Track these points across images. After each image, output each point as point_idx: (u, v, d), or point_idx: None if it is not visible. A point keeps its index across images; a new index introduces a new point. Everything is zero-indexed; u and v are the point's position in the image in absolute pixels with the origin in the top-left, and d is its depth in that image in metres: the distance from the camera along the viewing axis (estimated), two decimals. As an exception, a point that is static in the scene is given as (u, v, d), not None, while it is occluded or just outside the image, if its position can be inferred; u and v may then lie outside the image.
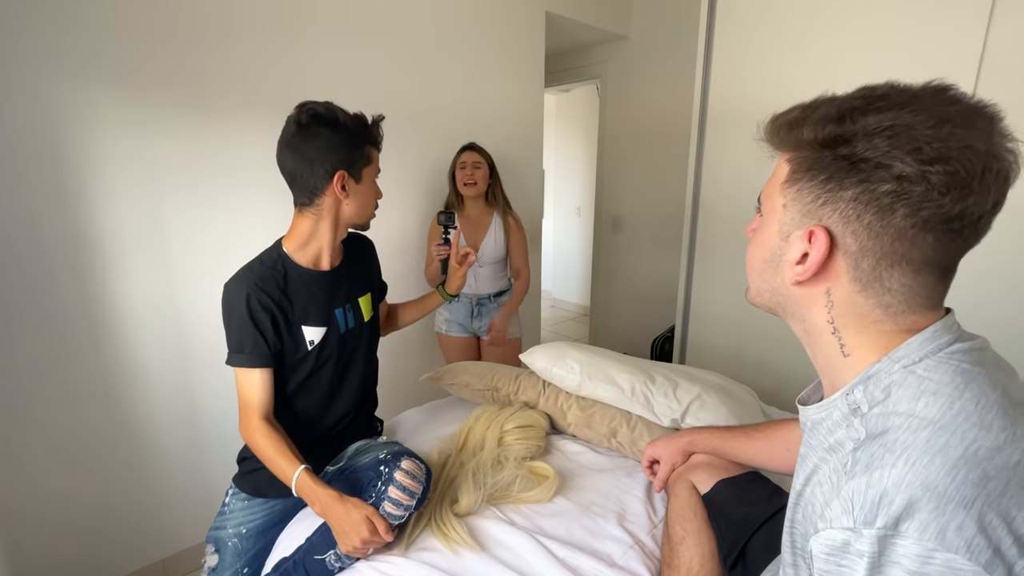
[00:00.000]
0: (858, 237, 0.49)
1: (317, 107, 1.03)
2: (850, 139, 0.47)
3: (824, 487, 0.50)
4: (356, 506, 0.95)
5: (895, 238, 0.47)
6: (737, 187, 2.00)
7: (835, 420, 0.54)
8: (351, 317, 1.20)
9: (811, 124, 0.50)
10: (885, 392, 0.49)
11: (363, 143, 1.08)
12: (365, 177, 1.10)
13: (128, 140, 1.47)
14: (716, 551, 0.96)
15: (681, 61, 2.82)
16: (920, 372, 0.48)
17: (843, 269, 0.51)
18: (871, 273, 0.49)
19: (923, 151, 0.44)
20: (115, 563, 1.63)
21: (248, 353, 1.04)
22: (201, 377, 1.69)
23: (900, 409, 0.47)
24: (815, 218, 0.51)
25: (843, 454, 0.50)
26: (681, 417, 1.32)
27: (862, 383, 0.51)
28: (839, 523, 0.45)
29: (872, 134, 0.46)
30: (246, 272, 1.06)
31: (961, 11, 1.45)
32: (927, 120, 0.45)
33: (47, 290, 1.41)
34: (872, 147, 0.46)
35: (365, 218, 1.16)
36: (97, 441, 1.54)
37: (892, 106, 0.46)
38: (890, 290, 0.50)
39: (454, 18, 2.19)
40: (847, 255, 0.50)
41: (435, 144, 2.22)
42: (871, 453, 0.46)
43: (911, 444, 0.44)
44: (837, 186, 0.49)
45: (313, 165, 1.03)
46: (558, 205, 5.16)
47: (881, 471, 0.44)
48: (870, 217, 0.47)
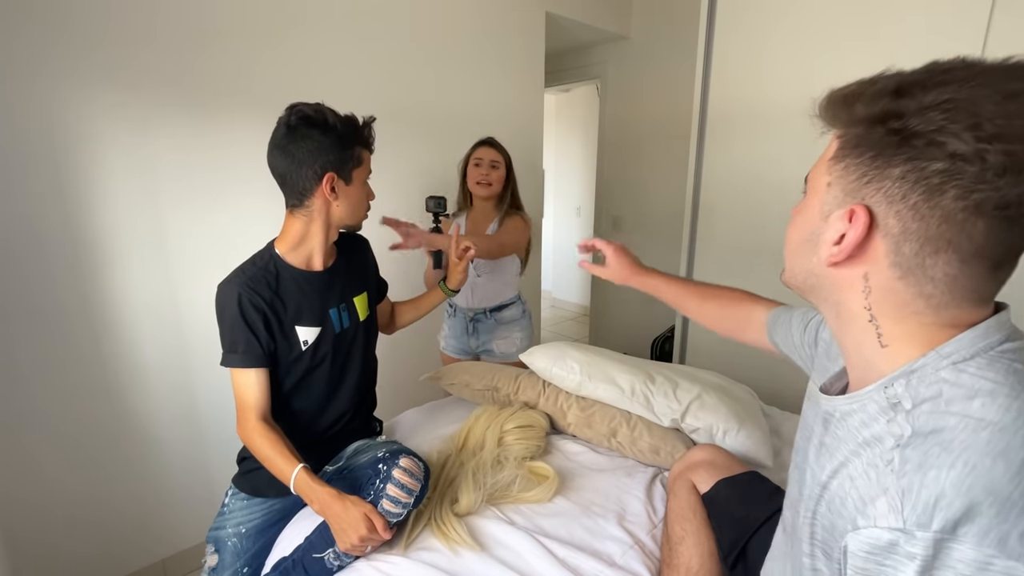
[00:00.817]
0: (902, 218, 0.46)
1: (306, 109, 1.03)
2: (903, 113, 0.44)
3: (859, 482, 0.48)
4: (354, 504, 0.95)
5: (942, 221, 0.44)
6: (737, 187, 2.00)
7: (870, 413, 0.51)
8: (346, 317, 1.19)
9: (866, 98, 0.47)
10: (935, 390, 0.46)
11: (353, 145, 1.07)
12: (355, 179, 1.09)
13: (126, 139, 1.47)
14: (716, 551, 0.96)
15: (681, 61, 2.82)
16: (972, 371, 0.46)
17: (882, 252, 0.48)
18: (913, 259, 0.46)
19: (982, 127, 0.41)
20: (116, 563, 1.63)
21: (242, 353, 1.04)
22: (201, 376, 1.69)
23: (954, 409, 0.45)
24: (858, 197, 0.48)
25: (883, 450, 0.47)
26: (681, 417, 1.32)
27: (904, 377, 0.49)
28: (885, 522, 0.43)
29: (928, 108, 0.43)
30: (238, 274, 1.07)
31: (961, 11, 1.45)
32: (992, 95, 0.41)
33: (47, 289, 1.41)
34: (926, 121, 0.43)
35: (356, 219, 1.16)
36: (98, 440, 1.54)
37: (955, 80, 0.43)
38: (933, 279, 0.46)
39: (454, 18, 2.19)
40: (888, 237, 0.47)
41: (434, 144, 2.22)
42: (924, 451, 0.44)
43: (970, 445, 0.42)
44: (884, 163, 0.46)
45: (302, 167, 1.03)
46: (558, 205, 5.16)
47: (938, 471, 0.42)
48: (916, 197, 0.44)
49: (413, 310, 1.47)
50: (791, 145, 1.77)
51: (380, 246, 1.39)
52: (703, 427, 1.30)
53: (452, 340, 1.94)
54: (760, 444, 1.27)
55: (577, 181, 4.95)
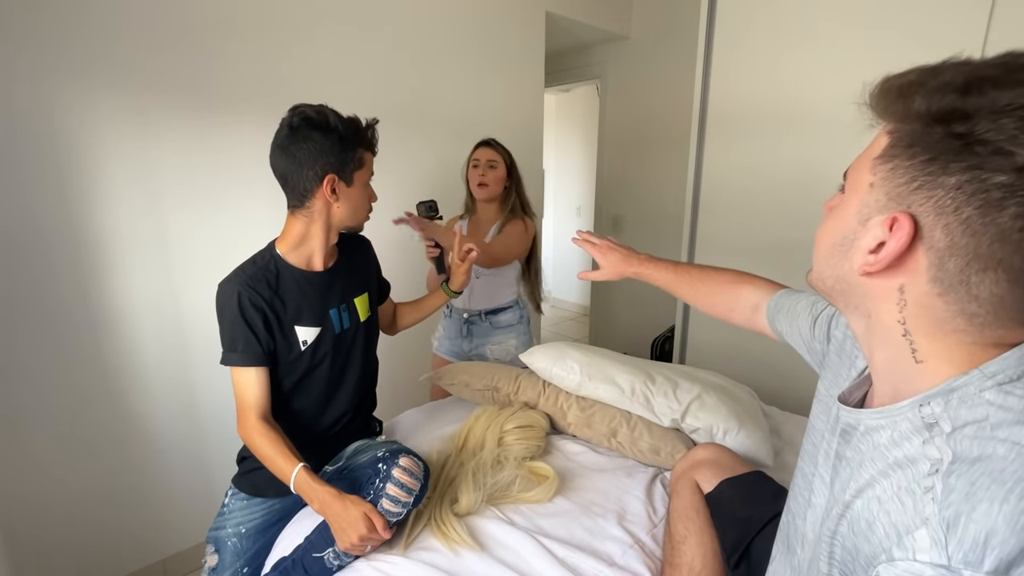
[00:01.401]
0: (950, 232, 0.41)
1: (308, 110, 1.03)
2: (971, 115, 0.39)
3: (889, 506, 0.44)
4: (354, 503, 0.95)
5: (995, 239, 0.40)
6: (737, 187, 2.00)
7: (901, 432, 0.47)
8: (346, 317, 1.19)
9: (927, 91, 0.42)
10: (980, 413, 0.43)
11: (355, 147, 1.07)
12: (356, 181, 1.09)
13: (129, 140, 1.47)
14: (718, 550, 0.96)
15: (681, 61, 2.82)
16: (1020, 393, 0.42)
17: (924, 267, 0.44)
18: (957, 276, 0.42)
19: None
20: (116, 563, 1.63)
21: (241, 352, 1.05)
22: (202, 375, 1.69)
23: (1001, 435, 0.41)
24: (904, 204, 0.44)
25: (917, 474, 0.43)
26: (681, 417, 1.32)
27: (942, 396, 0.45)
28: (927, 556, 0.39)
29: (1001, 112, 0.38)
30: (238, 273, 1.07)
31: (961, 11, 1.45)
32: None
33: (50, 289, 1.41)
34: (997, 128, 0.38)
35: (357, 221, 1.16)
36: (98, 440, 1.54)
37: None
38: (977, 298, 0.42)
39: (454, 18, 2.19)
40: (932, 251, 0.43)
41: (435, 145, 2.22)
42: (971, 481, 0.40)
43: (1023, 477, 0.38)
44: (940, 169, 0.41)
45: (303, 168, 1.03)
46: (558, 205, 5.16)
47: (989, 504, 0.38)
48: (971, 211, 0.40)
49: (415, 311, 1.47)
50: (791, 145, 1.77)
51: (382, 247, 1.39)
52: (703, 427, 1.30)
53: (446, 342, 1.89)
54: (760, 444, 1.27)
55: (577, 181, 4.95)
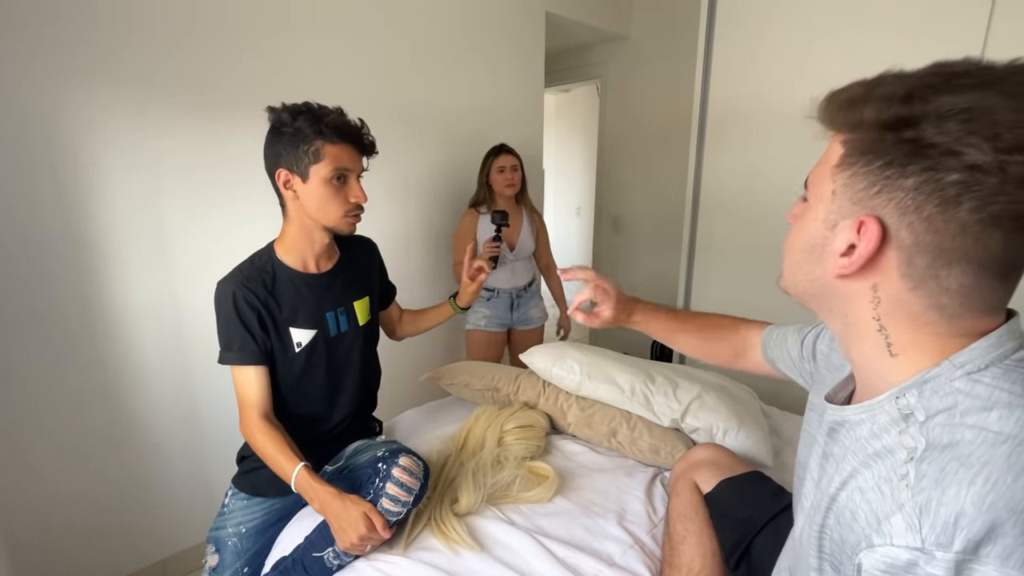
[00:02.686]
0: (914, 230, 0.44)
1: (272, 108, 1.04)
2: (918, 121, 0.42)
3: (870, 495, 0.46)
4: (354, 503, 0.95)
5: (957, 233, 0.42)
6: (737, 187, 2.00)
7: (880, 424, 0.49)
8: (343, 321, 1.19)
9: (874, 102, 0.45)
10: (949, 401, 0.45)
11: (309, 140, 1.00)
12: (313, 175, 1.02)
13: (126, 140, 1.47)
14: (718, 550, 0.96)
15: (681, 61, 2.82)
16: (987, 381, 0.45)
17: (894, 264, 0.46)
18: (926, 271, 0.45)
19: (1002, 138, 0.39)
20: (116, 563, 1.63)
21: (238, 350, 1.05)
22: (201, 377, 1.69)
23: (970, 421, 0.43)
24: (867, 207, 0.46)
25: (895, 463, 0.46)
26: (681, 417, 1.32)
27: (916, 387, 0.48)
28: (903, 540, 0.42)
29: (945, 116, 0.41)
30: (235, 272, 1.08)
31: (961, 11, 1.45)
32: (1009, 103, 0.40)
33: (46, 291, 1.41)
34: (943, 131, 0.41)
35: (329, 220, 1.07)
36: (98, 440, 1.54)
37: (972, 86, 0.41)
38: (947, 290, 0.45)
39: (454, 18, 2.19)
40: (900, 249, 0.45)
41: (435, 144, 2.22)
42: (941, 466, 0.42)
43: (990, 460, 0.41)
44: (897, 173, 0.44)
45: (267, 167, 1.06)
46: (558, 205, 5.15)
47: (957, 488, 0.41)
48: (931, 209, 0.43)
49: (413, 323, 1.43)
50: (791, 145, 1.77)
51: (386, 248, 1.38)
52: (703, 427, 1.30)
53: (494, 319, 2.19)
54: (760, 444, 1.27)
55: (577, 181, 4.95)
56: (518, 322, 2.24)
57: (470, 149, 2.35)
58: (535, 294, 2.29)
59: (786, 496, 0.96)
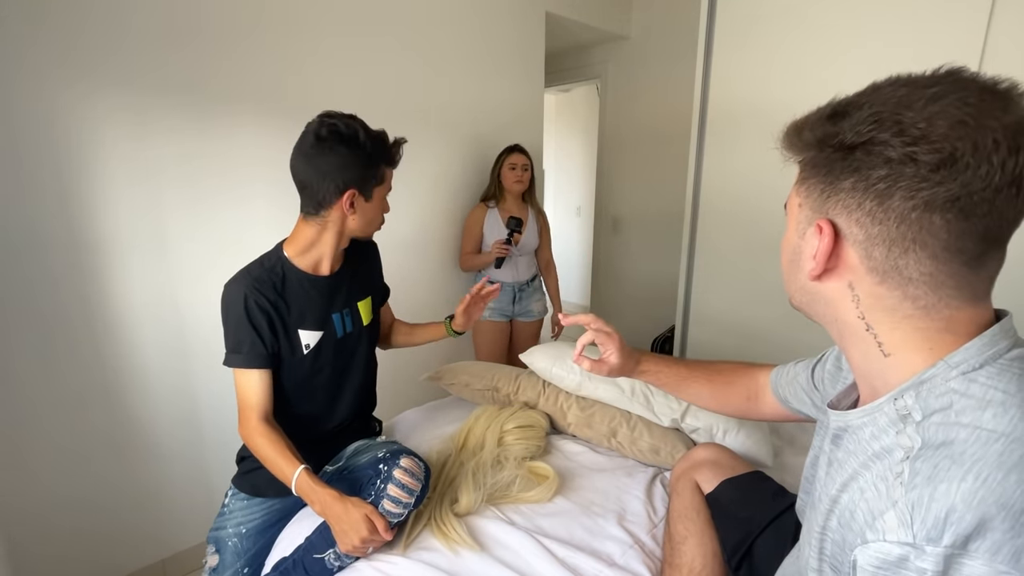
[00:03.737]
0: (862, 225, 0.49)
1: (339, 123, 1.02)
2: (840, 132, 0.48)
3: (868, 494, 0.47)
4: (355, 505, 0.95)
5: (899, 222, 0.46)
6: (737, 187, 2.00)
7: (880, 426, 0.51)
8: (349, 321, 1.19)
9: (810, 125, 0.52)
10: (944, 400, 0.46)
11: (378, 163, 1.07)
12: (375, 196, 1.10)
13: (128, 142, 1.47)
14: (719, 551, 0.96)
15: (681, 61, 2.82)
16: (982, 380, 0.46)
17: (856, 260, 0.50)
18: (885, 262, 0.48)
19: (907, 132, 0.44)
20: (115, 563, 1.63)
21: (245, 354, 1.04)
22: (201, 378, 1.69)
23: (964, 420, 0.44)
24: (822, 212, 0.52)
25: (892, 462, 0.47)
26: (681, 417, 1.32)
27: (914, 389, 0.49)
28: (895, 536, 0.43)
29: (859, 123, 0.47)
30: (244, 274, 1.07)
31: (961, 11, 1.44)
32: (916, 102, 0.44)
33: (48, 292, 1.41)
34: (856, 134, 0.47)
35: (369, 232, 1.17)
36: (98, 441, 1.54)
37: (883, 95, 0.47)
38: (911, 280, 0.48)
39: (454, 18, 2.19)
40: (856, 244, 0.50)
41: (435, 144, 2.22)
42: (934, 464, 0.43)
43: (981, 457, 0.42)
44: (835, 178, 0.50)
45: (325, 179, 1.03)
46: (558, 205, 5.15)
47: (948, 484, 0.42)
48: (870, 204, 0.47)
49: (408, 336, 1.42)
50: (791, 145, 1.76)
51: (388, 250, 1.38)
52: (703, 427, 1.30)
53: (498, 310, 2.30)
54: (760, 444, 1.27)
55: (577, 181, 4.95)
56: (519, 314, 2.36)
57: (470, 149, 2.35)
58: (537, 289, 2.40)
59: (788, 497, 0.96)
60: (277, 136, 1.62)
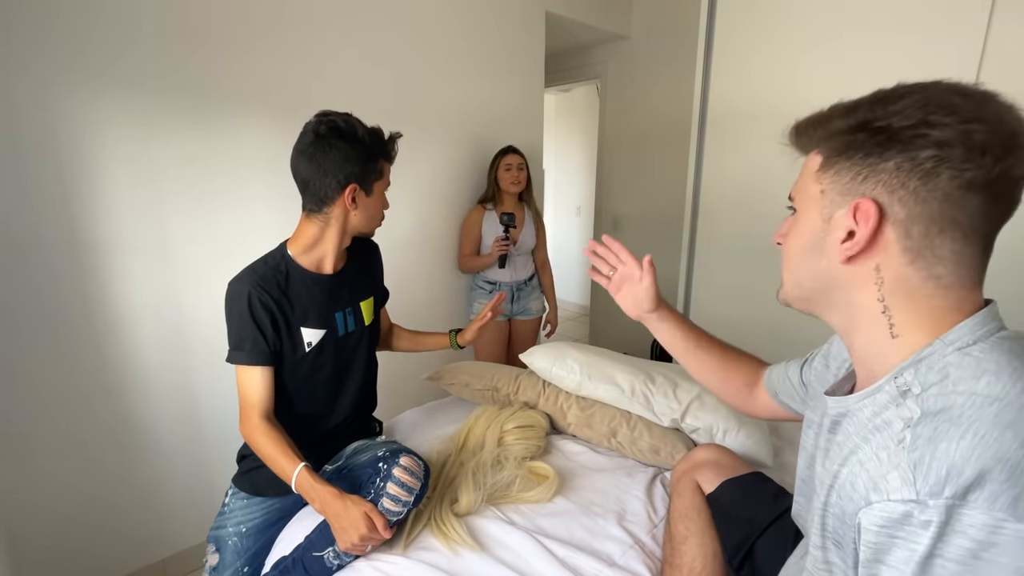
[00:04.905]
0: (905, 204, 0.49)
1: (337, 119, 1.04)
2: (883, 115, 0.49)
3: (869, 464, 0.49)
4: (355, 503, 0.96)
5: (942, 201, 0.48)
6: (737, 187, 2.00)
7: (880, 403, 0.52)
8: (351, 320, 1.20)
9: (839, 115, 0.52)
10: (942, 373, 0.48)
11: (377, 158, 1.10)
12: (375, 191, 1.12)
13: (131, 144, 1.47)
14: (719, 551, 0.96)
15: (681, 61, 2.82)
16: (976, 354, 0.48)
17: (892, 239, 0.51)
18: (922, 240, 0.49)
19: (960, 112, 0.46)
20: (116, 562, 1.63)
21: (248, 351, 1.05)
22: (202, 377, 1.69)
23: (961, 388, 0.47)
24: (857, 194, 0.52)
25: (893, 432, 0.49)
26: (681, 417, 1.32)
27: (912, 366, 0.51)
28: (898, 495, 0.44)
29: (906, 108, 0.48)
30: (249, 272, 1.07)
31: (961, 11, 1.45)
32: (964, 92, 0.48)
33: (51, 291, 1.41)
34: (906, 116, 0.48)
35: (371, 228, 1.18)
36: (99, 440, 1.54)
37: (915, 90, 0.49)
38: (941, 259, 0.49)
39: (454, 18, 2.19)
40: (896, 224, 0.50)
41: (435, 144, 2.22)
42: (934, 427, 0.45)
43: (978, 418, 0.44)
44: (877, 159, 0.50)
45: (327, 175, 1.05)
46: (558, 205, 5.16)
47: (948, 443, 0.44)
48: (915, 183, 0.48)
49: (411, 342, 1.45)
50: (791, 145, 1.76)
51: (387, 250, 1.39)
52: (703, 427, 1.30)
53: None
54: (760, 444, 1.27)
55: (577, 181, 4.95)
56: (517, 313, 2.39)
57: (470, 149, 2.36)
58: (534, 288, 2.43)
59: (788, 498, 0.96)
60: (278, 138, 1.62)
